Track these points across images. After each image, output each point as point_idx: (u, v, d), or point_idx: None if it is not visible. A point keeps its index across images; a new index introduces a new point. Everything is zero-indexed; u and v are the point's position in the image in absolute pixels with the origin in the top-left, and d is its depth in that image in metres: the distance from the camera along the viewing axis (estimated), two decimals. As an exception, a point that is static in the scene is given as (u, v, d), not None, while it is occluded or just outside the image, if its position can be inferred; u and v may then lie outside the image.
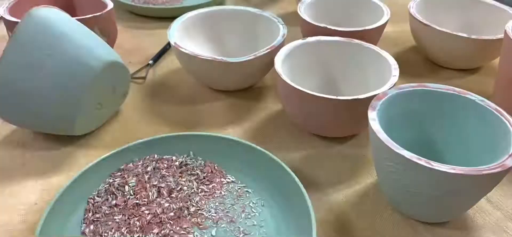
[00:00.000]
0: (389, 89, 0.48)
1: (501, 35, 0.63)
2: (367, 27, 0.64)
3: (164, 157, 0.50)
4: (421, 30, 0.69)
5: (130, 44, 0.78)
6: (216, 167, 0.50)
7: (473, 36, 0.63)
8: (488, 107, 0.45)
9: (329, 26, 0.64)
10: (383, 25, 0.67)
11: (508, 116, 0.44)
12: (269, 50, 0.58)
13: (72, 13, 0.76)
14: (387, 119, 0.45)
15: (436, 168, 0.37)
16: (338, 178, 0.50)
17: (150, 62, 0.71)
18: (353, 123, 0.53)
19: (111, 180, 0.47)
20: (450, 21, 0.75)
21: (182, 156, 0.50)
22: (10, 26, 0.64)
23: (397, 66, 0.54)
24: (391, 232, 0.44)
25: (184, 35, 0.65)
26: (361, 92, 0.50)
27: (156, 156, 0.50)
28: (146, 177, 0.48)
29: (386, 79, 0.53)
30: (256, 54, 0.58)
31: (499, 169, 0.37)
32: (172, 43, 0.60)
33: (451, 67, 0.71)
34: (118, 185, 0.47)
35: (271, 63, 0.59)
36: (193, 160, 0.50)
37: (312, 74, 0.61)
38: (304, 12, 0.69)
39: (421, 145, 0.48)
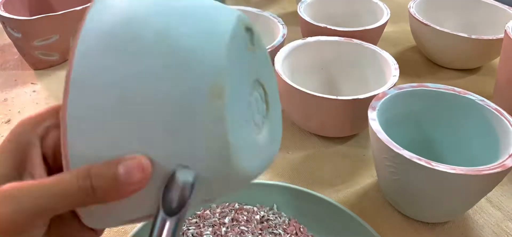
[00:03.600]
0: (389, 89, 0.48)
1: (501, 35, 0.63)
2: (367, 27, 0.64)
3: (245, 207, 0.45)
4: (421, 30, 0.69)
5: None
6: (301, 229, 0.43)
7: (473, 36, 0.63)
8: (488, 107, 0.45)
9: (329, 26, 0.64)
10: (383, 25, 0.67)
11: (508, 116, 0.43)
12: (269, 50, 0.58)
13: (48, 8, 0.74)
14: (387, 119, 0.45)
15: (436, 168, 0.37)
16: (338, 178, 0.50)
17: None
18: (353, 123, 0.52)
19: (185, 228, 0.42)
20: (450, 21, 0.75)
21: (264, 209, 0.45)
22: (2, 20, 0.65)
23: (397, 66, 0.54)
24: (391, 232, 0.44)
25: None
26: (361, 92, 0.50)
27: (236, 204, 0.45)
28: (223, 229, 0.42)
29: (386, 79, 0.53)
30: (256, 54, 0.58)
31: (499, 169, 0.37)
32: (172, 43, 0.60)
33: (451, 67, 0.71)
34: (192, 235, 0.42)
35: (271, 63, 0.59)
36: (276, 216, 0.44)
37: (312, 74, 0.61)
38: (304, 12, 0.69)
39: (421, 145, 0.48)
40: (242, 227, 0.43)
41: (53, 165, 0.25)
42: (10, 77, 0.68)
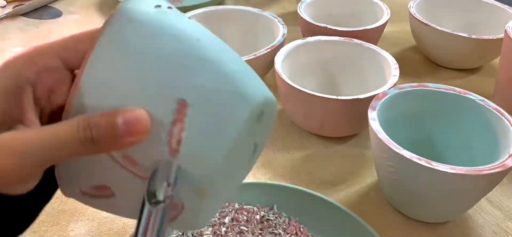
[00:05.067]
0: (389, 89, 0.48)
1: (501, 35, 0.63)
2: (367, 27, 0.64)
3: (245, 207, 0.44)
4: (421, 30, 0.69)
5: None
6: (301, 229, 0.43)
7: (473, 36, 0.63)
8: (488, 107, 0.45)
9: (329, 26, 0.64)
10: (383, 25, 0.67)
11: (508, 116, 0.43)
12: (269, 50, 0.58)
13: None
14: (387, 119, 0.45)
15: (436, 168, 0.37)
16: (338, 178, 0.50)
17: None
18: (353, 123, 0.52)
19: None
20: (450, 21, 0.75)
21: (264, 209, 0.45)
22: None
23: (397, 66, 0.54)
24: (391, 232, 0.44)
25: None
26: (361, 92, 0.50)
27: (236, 204, 0.44)
28: (223, 229, 0.42)
29: (386, 79, 0.53)
30: (256, 54, 0.58)
31: (499, 169, 0.37)
32: (172, 43, 0.60)
33: (451, 67, 0.71)
34: (192, 235, 0.42)
35: (271, 63, 0.59)
36: (276, 216, 0.44)
37: (312, 74, 0.61)
38: (304, 12, 0.69)
39: (421, 145, 0.48)
40: (242, 227, 0.43)
41: (46, 110, 0.25)
42: (10, 77, 0.68)
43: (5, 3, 0.90)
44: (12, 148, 0.21)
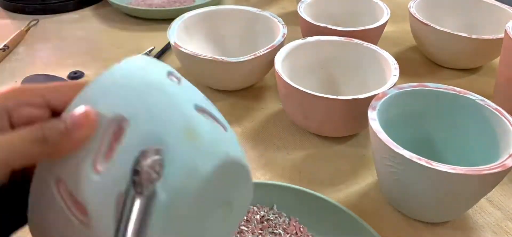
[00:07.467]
0: (389, 89, 0.48)
1: (501, 35, 0.63)
2: (367, 27, 0.64)
3: None
4: (421, 30, 0.69)
5: (130, 45, 0.78)
6: (301, 229, 0.43)
7: (473, 36, 0.63)
8: (488, 107, 0.45)
9: (329, 26, 0.64)
10: (383, 25, 0.67)
11: (508, 116, 0.44)
12: (269, 50, 0.58)
13: None
14: (387, 119, 0.45)
15: (436, 168, 0.37)
16: (338, 178, 0.50)
17: (150, 62, 0.71)
18: (353, 123, 0.52)
19: None
20: (450, 21, 0.75)
21: (264, 209, 0.45)
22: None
23: (397, 66, 0.54)
24: (391, 232, 0.44)
25: (184, 35, 0.65)
26: (361, 92, 0.50)
27: None
28: None
29: (386, 79, 0.53)
30: (256, 54, 0.58)
31: (499, 169, 0.37)
32: (172, 43, 0.60)
33: (451, 67, 0.71)
34: None
35: (271, 63, 0.59)
36: (276, 216, 0.44)
37: (312, 74, 0.61)
38: (304, 12, 0.69)
39: (421, 145, 0.48)
40: (242, 227, 0.43)
41: None
42: (10, 77, 0.68)
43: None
44: None
